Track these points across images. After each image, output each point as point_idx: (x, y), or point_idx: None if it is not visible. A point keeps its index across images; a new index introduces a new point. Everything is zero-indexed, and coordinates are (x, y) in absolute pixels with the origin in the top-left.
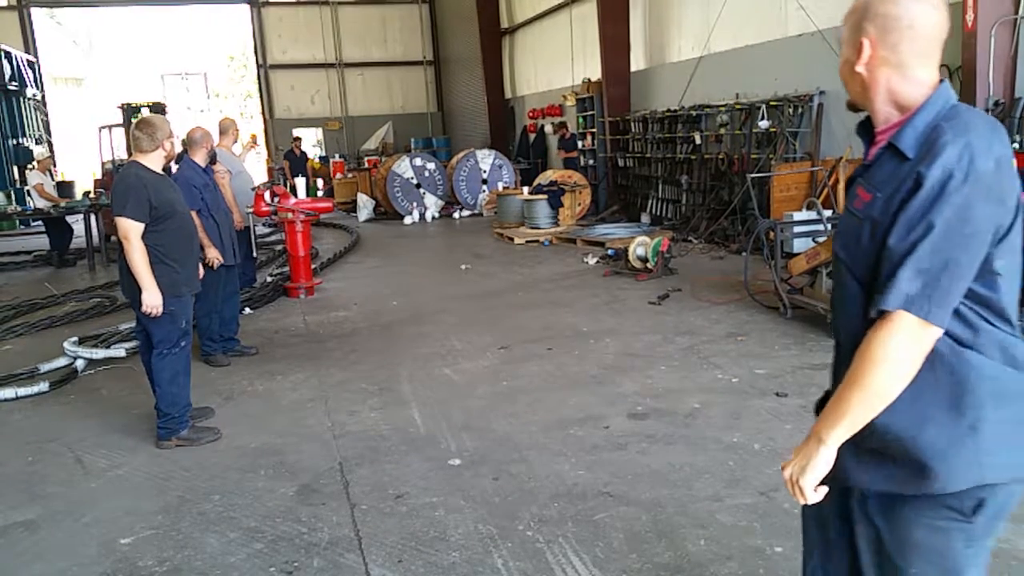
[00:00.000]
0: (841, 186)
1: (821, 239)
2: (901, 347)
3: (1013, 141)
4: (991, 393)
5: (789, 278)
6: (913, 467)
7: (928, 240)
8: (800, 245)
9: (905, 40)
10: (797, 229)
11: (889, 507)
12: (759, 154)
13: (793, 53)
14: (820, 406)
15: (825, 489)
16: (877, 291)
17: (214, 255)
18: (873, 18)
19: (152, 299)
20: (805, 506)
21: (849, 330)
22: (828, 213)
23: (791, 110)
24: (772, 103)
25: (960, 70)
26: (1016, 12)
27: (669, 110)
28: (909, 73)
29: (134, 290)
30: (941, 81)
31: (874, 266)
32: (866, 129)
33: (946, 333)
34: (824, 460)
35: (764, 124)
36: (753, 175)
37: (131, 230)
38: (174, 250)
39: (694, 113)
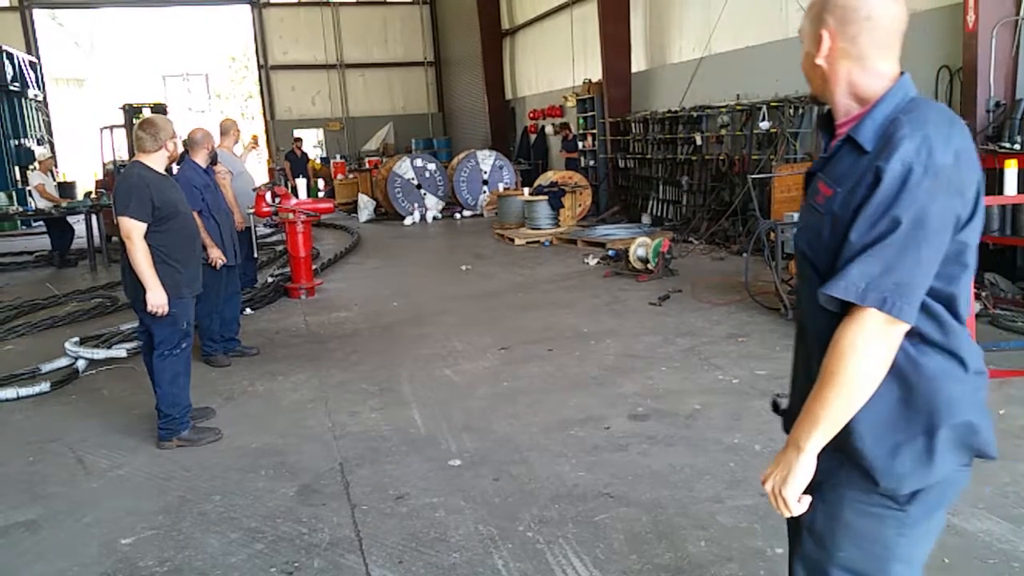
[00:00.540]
0: None
1: None
2: (871, 346)
3: (1014, 142)
4: (945, 397)
5: (790, 279)
6: (860, 469)
7: (891, 235)
8: None
9: (864, 32)
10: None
11: (826, 488)
12: (760, 155)
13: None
14: (775, 408)
15: (808, 499)
16: (843, 289)
17: (216, 255)
18: (832, 10)
19: (157, 298)
20: None
21: (815, 325)
22: None
23: (792, 111)
24: (773, 104)
25: (961, 71)
26: (1017, 13)
27: (670, 111)
28: (869, 65)
29: (136, 290)
30: (902, 74)
31: (834, 258)
32: (827, 122)
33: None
34: (805, 469)
35: (765, 125)
36: (754, 176)
37: (134, 230)
38: (176, 251)
39: (695, 114)
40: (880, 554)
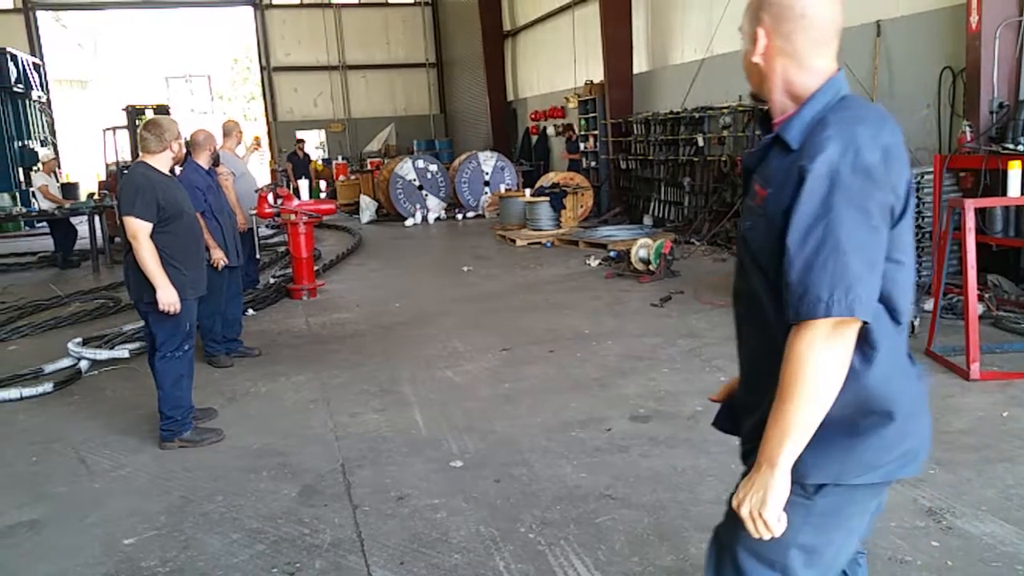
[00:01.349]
0: None
1: None
2: (826, 351)
3: (1017, 143)
4: (873, 397)
5: None
6: None
7: (827, 239)
8: None
9: (799, 29)
10: None
11: (748, 465)
12: None
13: None
14: (717, 417)
15: (785, 517)
16: (789, 299)
17: (219, 256)
18: (768, 7)
19: (168, 296)
20: None
21: (753, 317)
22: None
23: None
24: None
25: (964, 72)
26: (1021, 14)
27: (672, 112)
28: (805, 63)
29: (140, 291)
30: (838, 71)
31: (776, 258)
32: (765, 120)
33: None
34: (782, 486)
35: None
36: None
37: (140, 230)
38: (180, 252)
39: (697, 115)
40: (781, 538)
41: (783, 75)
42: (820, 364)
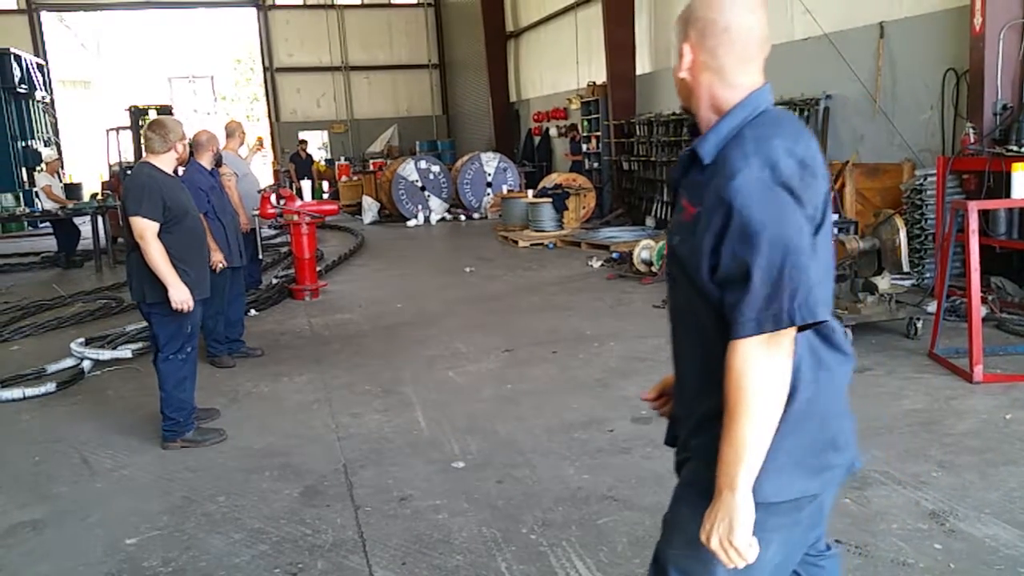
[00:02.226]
0: (848, 190)
1: None
2: (766, 365)
3: (1021, 145)
4: (793, 415)
5: None
6: (703, 474)
7: (756, 256)
8: None
9: (723, 44)
10: None
11: (680, 481)
12: None
13: (799, 57)
14: (666, 435)
15: (757, 542)
16: (743, 315)
17: (218, 259)
18: (694, 23)
19: (180, 294)
20: None
21: (687, 331)
22: (835, 217)
23: (797, 113)
24: (777, 106)
25: (968, 74)
26: None
27: (675, 113)
28: (729, 78)
29: (142, 292)
30: (762, 86)
31: (706, 274)
32: (696, 134)
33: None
34: (746, 508)
35: None
36: None
37: (147, 230)
38: (185, 252)
39: None
40: (706, 557)
41: (709, 90)
42: (763, 374)
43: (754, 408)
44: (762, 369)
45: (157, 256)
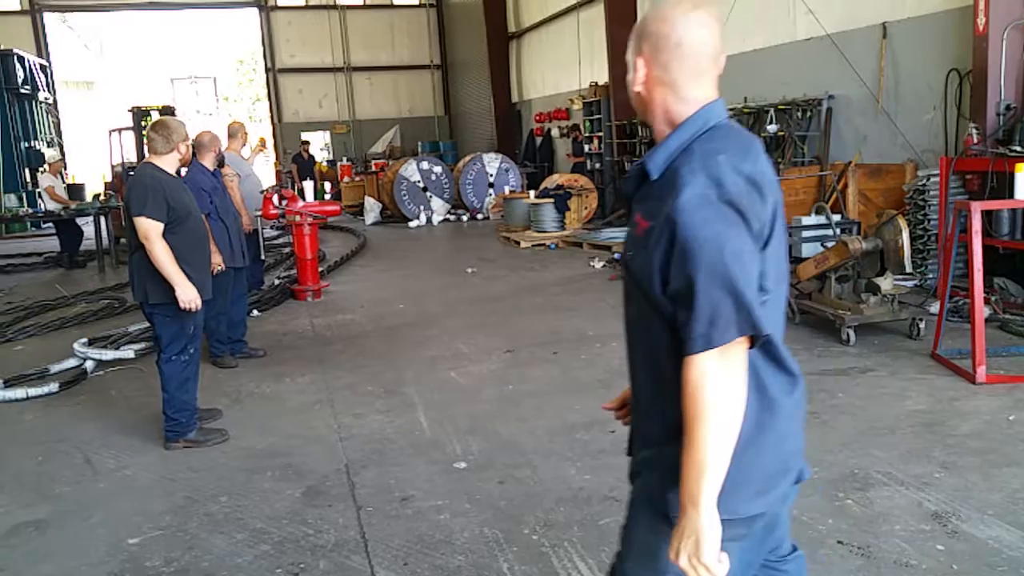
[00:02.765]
0: (851, 191)
1: (830, 244)
2: (721, 377)
3: None
4: (739, 442)
5: (797, 283)
6: (653, 488)
7: (698, 273)
8: (808, 250)
9: (675, 59)
10: (806, 234)
11: (633, 494)
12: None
13: (802, 57)
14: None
15: (727, 556)
16: (691, 332)
17: (217, 260)
18: (647, 37)
19: (187, 294)
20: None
21: (640, 342)
22: (837, 218)
23: (800, 114)
24: (780, 107)
25: (971, 74)
26: None
27: None
28: (682, 92)
29: (145, 292)
30: (714, 101)
31: (657, 288)
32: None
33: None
34: (711, 523)
35: (772, 128)
36: None
37: (152, 230)
38: (187, 253)
39: None
40: (657, 567)
41: (662, 104)
42: (718, 389)
43: (712, 423)
44: (716, 384)
45: (163, 256)
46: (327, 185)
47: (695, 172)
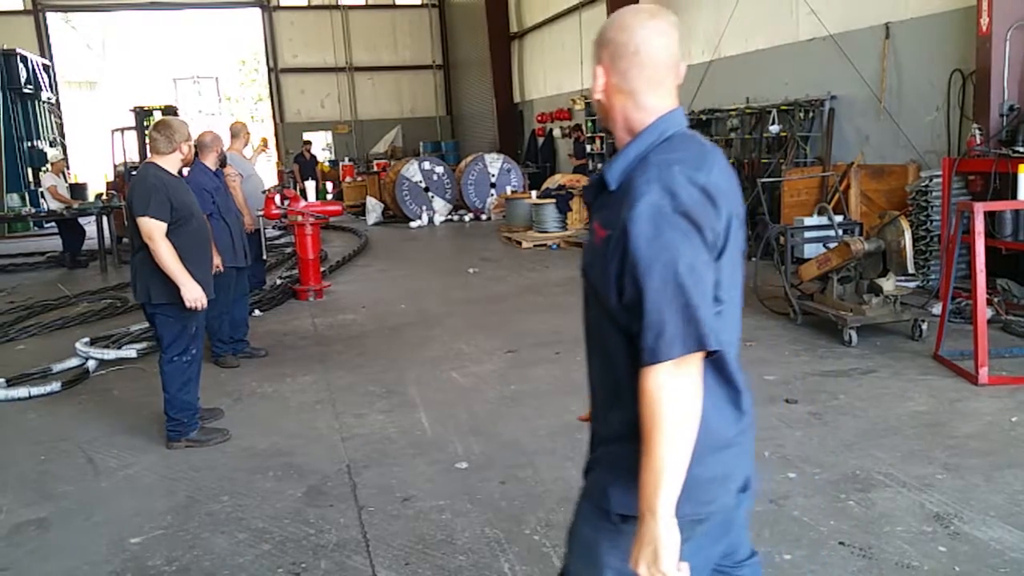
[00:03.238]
0: (853, 191)
1: (832, 245)
2: (675, 386)
3: None
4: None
5: (799, 284)
6: (600, 484)
7: (649, 284)
8: (811, 250)
9: (633, 67)
10: (808, 234)
11: (582, 495)
12: (769, 159)
13: (804, 57)
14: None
15: (687, 565)
16: (642, 344)
17: (216, 262)
18: (605, 45)
19: (192, 292)
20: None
21: (597, 346)
22: (839, 219)
23: (802, 114)
24: (783, 107)
25: (974, 75)
26: None
27: None
28: (640, 100)
29: (146, 293)
30: (672, 110)
31: (613, 297)
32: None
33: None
34: (669, 532)
35: (775, 129)
36: (763, 180)
37: (155, 230)
38: (190, 254)
39: (704, 117)
40: (595, 561)
41: (622, 112)
42: (673, 399)
43: (667, 434)
44: (671, 394)
45: (167, 256)
46: (329, 185)
47: (650, 183)
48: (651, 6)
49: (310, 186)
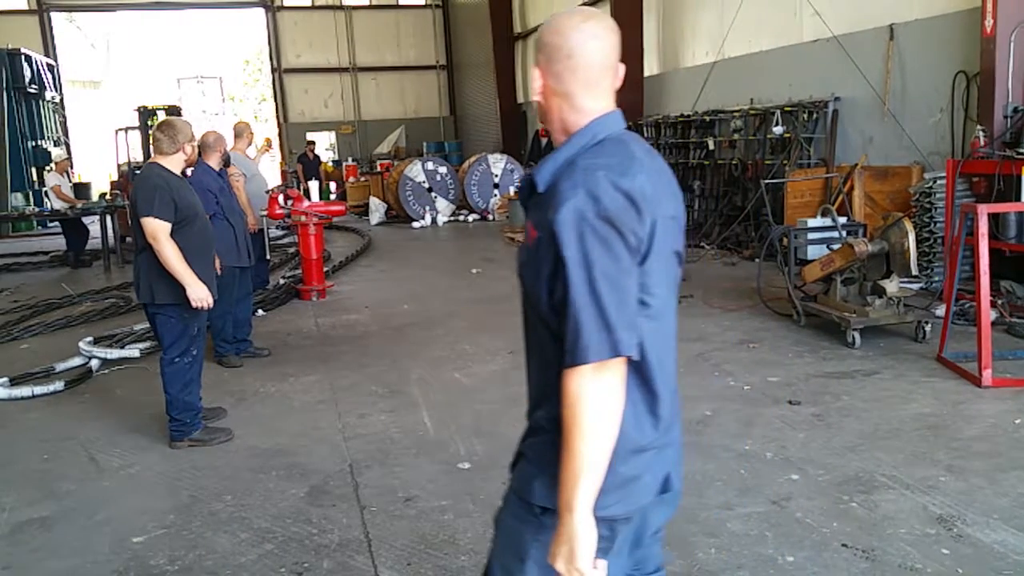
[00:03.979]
0: (857, 193)
1: (835, 246)
2: (595, 387)
3: None
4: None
5: (803, 285)
6: (525, 476)
7: (571, 288)
8: (814, 252)
9: (567, 70)
10: (811, 236)
11: (508, 489)
12: (773, 160)
13: (808, 59)
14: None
15: (605, 563)
16: (565, 346)
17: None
18: (542, 48)
19: (197, 292)
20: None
21: (532, 343)
22: (843, 220)
23: (806, 116)
24: (786, 109)
25: (978, 76)
26: None
27: (682, 115)
28: (576, 103)
29: (149, 293)
30: (607, 113)
31: (543, 297)
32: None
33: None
34: (585, 530)
35: (778, 130)
36: (767, 181)
37: (160, 230)
38: (193, 254)
39: (708, 118)
40: (517, 551)
41: (559, 114)
42: (593, 400)
43: (585, 435)
44: (591, 396)
45: (172, 256)
46: (332, 185)
47: (576, 187)
48: (588, 8)
49: (314, 186)
